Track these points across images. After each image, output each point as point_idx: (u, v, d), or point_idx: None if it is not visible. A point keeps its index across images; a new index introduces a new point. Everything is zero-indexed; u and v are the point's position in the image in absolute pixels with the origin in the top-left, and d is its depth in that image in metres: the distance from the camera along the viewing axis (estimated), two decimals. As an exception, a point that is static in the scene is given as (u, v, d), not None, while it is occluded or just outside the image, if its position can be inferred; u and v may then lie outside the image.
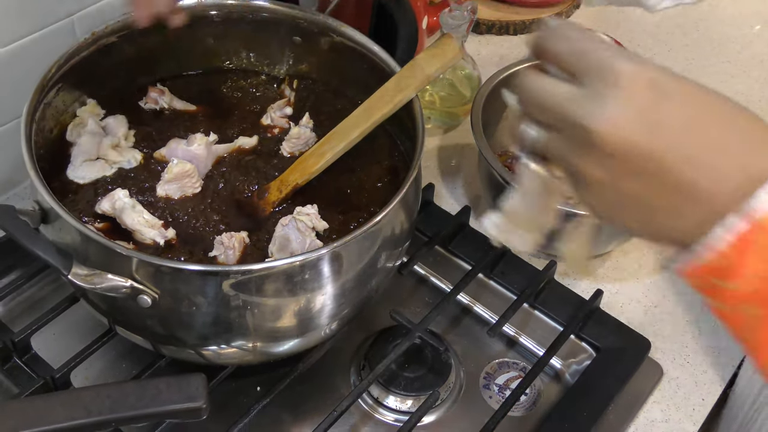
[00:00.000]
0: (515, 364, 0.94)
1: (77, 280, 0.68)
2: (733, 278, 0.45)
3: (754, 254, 0.44)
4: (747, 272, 0.44)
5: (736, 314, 0.46)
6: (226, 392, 0.85)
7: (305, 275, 0.72)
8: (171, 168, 0.83)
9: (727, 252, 0.44)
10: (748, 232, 0.43)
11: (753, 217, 0.43)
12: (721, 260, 0.45)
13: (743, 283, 0.45)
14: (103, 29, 0.86)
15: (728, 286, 0.45)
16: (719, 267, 0.45)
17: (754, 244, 0.43)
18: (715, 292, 0.47)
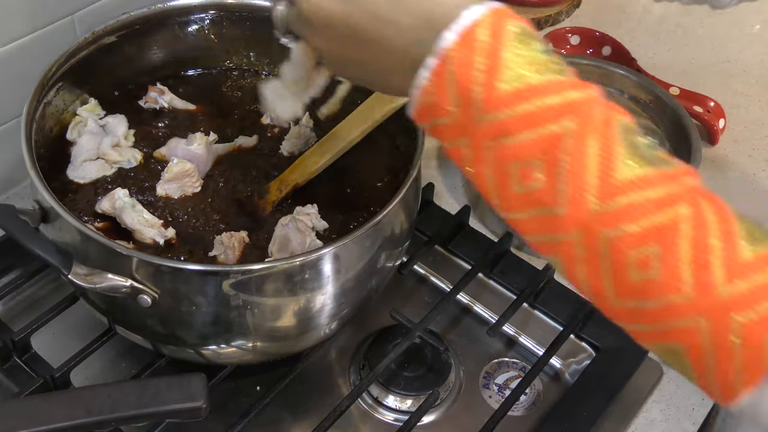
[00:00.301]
0: (515, 363, 0.94)
1: (77, 280, 0.69)
2: (440, 114, 0.51)
3: (447, 86, 0.49)
4: (447, 105, 0.50)
5: (456, 149, 0.52)
6: (225, 392, 0.86)
7: (305, 275, 0.73)
8: (171, 167, 0.83)
9: (428, 88, 0.50)
10: (439, 67, 0.49)
11: (441, 54, 0.49)
12: (428, 98, 0.51)
13: (448, 117, 0.50)
14: (102, 28, 0.86)
15: (440, 122, 0.51)
16: (429, 105, 0.51)
17: (445, 78, 0.49)
18: (437, 131, 0.52)
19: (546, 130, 0.48)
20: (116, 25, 0.87)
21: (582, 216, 0.48)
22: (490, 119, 0.49)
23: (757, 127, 1.23)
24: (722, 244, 0.47)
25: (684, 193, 0.48)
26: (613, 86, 1.09)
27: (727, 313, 0.46)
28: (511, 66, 0.48)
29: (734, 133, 1.21)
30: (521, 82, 0.48)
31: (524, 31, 0.50)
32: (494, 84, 0.48)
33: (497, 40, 0.48)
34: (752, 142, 1.20)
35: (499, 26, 0.49)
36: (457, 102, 0.49)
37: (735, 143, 1.19)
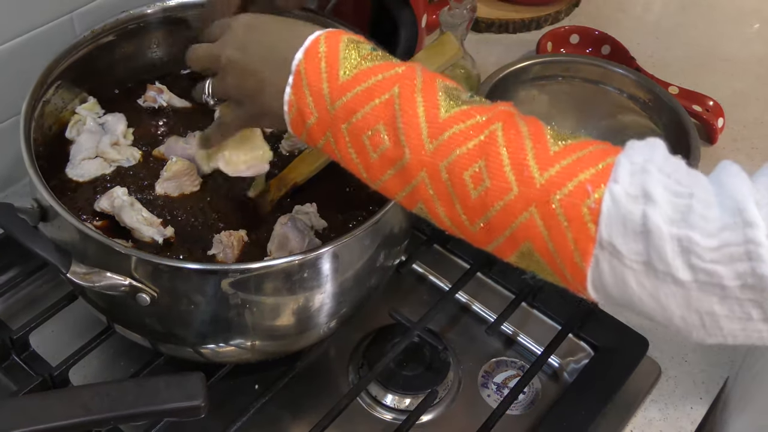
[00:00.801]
0: (513, 362, 0.94)
1: (76, 279, 0.69)
2: (306, 117, 0.62)
3: (304, 92, 0.62)
4: (306, 107, 0.62)
5: (327, 145, 0.63)
6: (224, 390, 0.85)
7: (304, 274, 0.73)
8: (170, 166, 0.83)
9: (292, 100, 0.63)
10: (296, 80, 0.62)
11: (295, 70, 0.62)
12: (294, 108, 0.63)
13: (311, 117, 0.62)
14: (101, 27, 0.86)
15: (308, 125, 0.63)
16: (296, 114, 0.63)
17: (302, 87, 0.62)
18: (310, 137, 0.64)
19: (381, 99, 0.59)
20: (115, 24, 0.87)
21: (422, 157, 0.58)
22: (338, 105, 0.60)
23: (756, 126, 1.23)
24: (533, 143, 0.55)
25: (498, 114, 0.58)
26: (612, 85, 1.09)
27: (548, 196, 0.53)
28: (347, 61, 0.61)
29: (733, 132, 1.21)
30: (357, 69, 0.60)
31: (355, 39, 0.63)
32: (336, 76, 0.61)
33: (334, 47, 0.62)
34: (751, 141, 1.20)
35: (334, 39, 0.62)
36: (314, 103, 0.62)
37: (734, 142, 1.19)
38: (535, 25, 1.34)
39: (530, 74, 1.06)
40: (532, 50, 1.30)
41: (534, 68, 1.06)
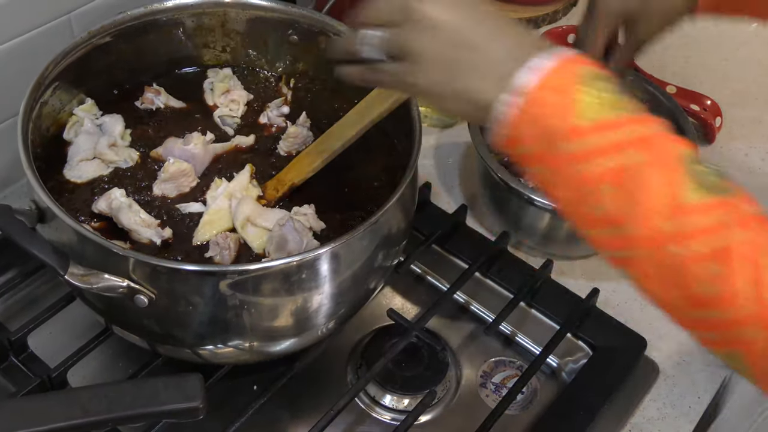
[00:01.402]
0: (512, 362, 0.94)
1: (74, 280, 0.68)
2: (522, 144, 0.58)
3: (528, 122, 0.56)
4: (528, 137, 0.57)
5: (536, 174, 0.59)
6: (222, 391, 0.85)
7: (302, 275, 0.73)
8: (167, 167, 0.83)
9: (512, 123, 0.57)
10: (521, 106, 0.56)
11: (523, 93, 0.56)
12: (511, 131, 0.57)
13: (529, 147, 0.57)
14: (98, 28, 0.86)
15: (521, 150, 0.58)
16: (512, 137, 0.58)
17: (527, 115, 0.56)
18: (518, 158, 0.60)
19: (615, 161, 0.54)
20: (112, 25, 0.87)
21: (652, 234, 0.54)
22: (566, 150, 0.55)
23: (754, 125, 1.23)
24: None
25: (740, 219, 0.54)
26: (610, 85, 1.09)
27: None
28: (585, 105, 0.55)
29: (731, 131, 1.21)
30: (595, 119, 0.55)
31: (594, 74, 0.57)
32: (569, 120, 0.55)
33: (570, 81, 0.56)
34: (749, 140, 1.20)
35: (571, 70, 0.56)
36: (537, 135, 0.56)
37: (732, 141, 1.20)
38: (533, 24, 1.34)
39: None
40: (530, 50, 1.30)
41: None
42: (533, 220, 0.95)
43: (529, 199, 0.92)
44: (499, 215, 1.01)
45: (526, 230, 0.98)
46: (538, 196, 0.92)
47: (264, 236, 0.79)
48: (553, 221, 0.94)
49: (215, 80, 0.95)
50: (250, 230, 0.79)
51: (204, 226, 0.80)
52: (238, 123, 0.93)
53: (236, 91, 0.94)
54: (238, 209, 0.80)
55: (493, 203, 1.00)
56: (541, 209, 0.93)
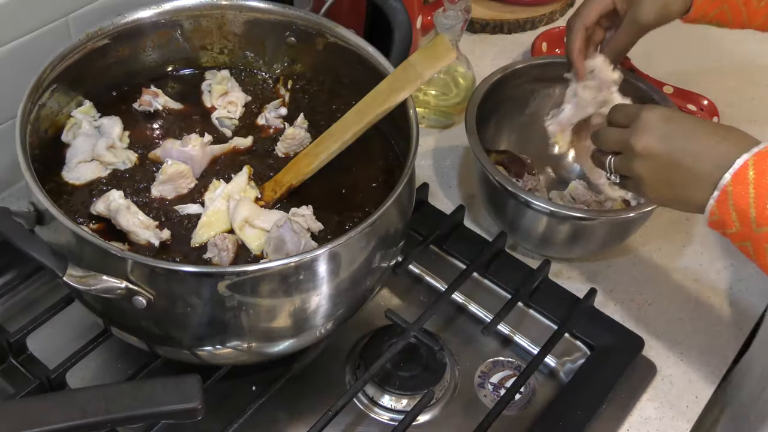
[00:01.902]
0: (510, 362, 0.94)
1: (72, 282, 0.69)
2: (727, 227, 0.72)
3: (729, 211, 0.71)
4: (731, 222, 0.71)
5: (743, 247, 0.73)
6: (221, 392, 0.86)
7: (300, 276, 0.73)
8: (165, 169, 0.83)
9: (717, 212, 0.72)
10: (722, 197, 0.71)
11: (723, 189, 0.71)
12: (717, 217, 0.72)
13: (733, 228, 0.72)
14: (96, 30, 0.86)
15: (728, 231, 0.73)
16: (719, 221, 0.73)
17: (728, 205, 0.71)
18: (727, 235, 0.74)
19: None
20: (110, 27, 0.87)
21: None
22: (764, 231, 0.69)
23: (750, 124, 1.23)
24: None
25: None
26: (607, 85, 1.09)
27: None
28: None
29: (728, 132, 1.21)
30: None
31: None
32: (763, 207, 0.69)
33: (763, 174, 0.69)
34: (745, 140, 1.20)
35: (763, 164, 0.69)
36: (738, 219, 0.71)
37: (728, 142, 1.20)
38: (530, 25, 1.35)
39: (527, 76, 1.06)
40: (527, 51, 1.30)
41: (530, 70, 1.06)
42: (530, 222, 0.95)
43: (526, 202, 0.93)
44: (496, 217, 1.01)
45: (524, 233, 0.98)
46: (535, 199, 0.92)
47: (262, 237, 0.79)
48: (550, 224, 0.94)
49: (213, 82, 0.95)
50: (249, 231, 0.80)
51: (202, 227, 0.80)
52: (236, 124, 0.93)
53: (234, 93, 0.94)
54: (236, 211, 0.80)
55: (491, 205, 1.00)
56: (538, 212, 0.93)
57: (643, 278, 1.02)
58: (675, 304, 0.99)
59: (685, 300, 1.00)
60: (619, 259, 1.03)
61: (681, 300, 1.00)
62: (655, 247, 1.05)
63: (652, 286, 1.01)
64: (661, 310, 0.98)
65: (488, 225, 1.05)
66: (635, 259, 1.03)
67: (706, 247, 1.05)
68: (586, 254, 1.01)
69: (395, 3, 0.90)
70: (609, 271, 1.02)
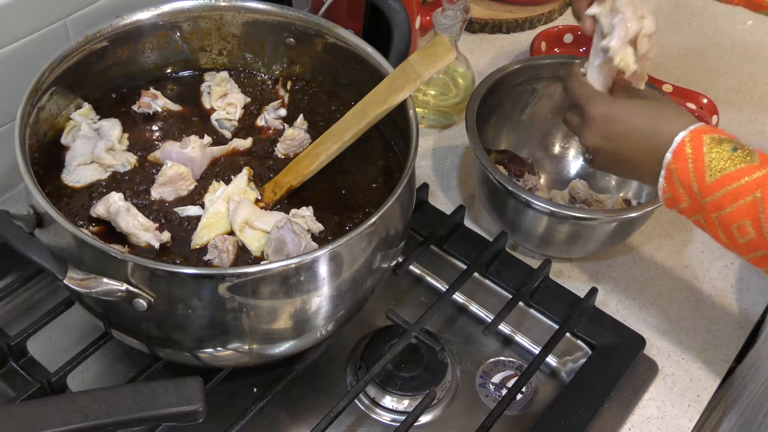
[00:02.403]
0: (511, 362, 0.94)
1: (72, 285, 0.69)
2: (679, 202, 0.76)
3: (676, 186, 0.75)
4: (680, 196, 0.75)
5: (696, 221, 0.77)
6: (222, 394, 0.86)
7: (301, 277, 0.73)
8: (165, 171, 0.83)
9: (666, 189, 0.76)
10: (667, 175, 0.75)
11: (667, 167, 0.75)
12: (668, 194, 0.76)
13: (684, 203, 0.76)
14: (95, 32, 0.86)
15: (680, 206, 0.77)
16: (670, 198, 0.77)
17: (673, 181, 0.75)
18: (681, 211, 0.77)
19: (746, 200, 0.71)
20: (109, 29, 0.87)
21: None
22: (708, 200, 0.73)
23: (750, 123, 1.23)
24: None
25: None
26: (607, 84, 1.09)
27: None
28: (712, 164, 0.72)
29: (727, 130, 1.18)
30: (721, 174, 0.72)
31: (717, 138, 0.73)
32: (704, 178, 0.73)
33: (698, 149, 0.73)
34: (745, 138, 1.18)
35: (697, 140, 0.73)
36: (685, 194, 0.75)
37: (728, 140, 1.20)
38: (529, 24, 1.35)
39: (526, 75, 1.06)
40: (525, 50, 1.30)
41: (529, 69, 1.06)
42: (531, 222, 0.95)
43: (526, 202, 0.92)
44: (497, 217, 1.01)
45: (524, 232, 0.98)
46: (536, 199, 0.92)
47: (262, 239, 0.79)
48: (551, 224, 0.94)
49: (212, 84, 0.95)
50: (249, 233, 0.79)
51: (202, 229, 0.80)
52: (235, 126, 0.93)
53: (233, 95, 0.94)
54: (236, 212, 0.80)
55: (491, 205, 1.00)
56: (539, 212, 0.93)
57: (644, 277, 1.01)
58: (676, 303, 0.99)
59: (686, 299, 1.00)
60: (620, 259, 1.03)
61: (682, 299, 0.99)
62: (656, 246, 1.05)
63: (653, 285, 1.01)
64: (662, 309, 0.98)
65: (489, 225, 1.05)
66: (636, 259, 1.03)
67: (707, 246, 1.05)
68: (587, 254, 1.01)
69: (394, 3, 0.90)
70: (610, 270, 1.02)
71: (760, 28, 1.39)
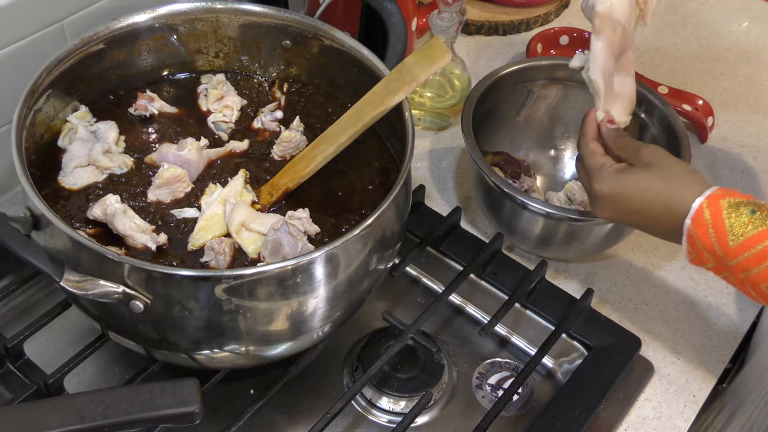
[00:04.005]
0: (507, 363, 0.94)
1: (69, 287, 0.69)
2: (704, 263, 0.77)
3: (699, 249, 0.76)
4: (705, 259, 0.76)
5: (726, 278, 0.77)
6: (219, 395, 0.86)
7: (297, 279, 0.73)
8: (162, 173, 0.83)
9: (690, 252, 0.77)
10: (690, 240, 0.76)
11: (688, 234, 0.76)
12: (693, 256, 0.77)
13: (710, 264, 0.76)
14: (91, 35, 0.86)
15: (707, 266, 0.77)
16: (696, 260, 0.78)
17: (696, 246, 0.76)
18: (709, 269, 0.78)
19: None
20: (105, 32, 0.87)
21: None
22: (733, 263, 0.74)
23: (746, 124, 1.23)
24: None
25: None
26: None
27: None
28: (733, 229, 0.73)
29: (723, 131, 1.21)
30: (743, 237, 0.73)
31: (734, 202, 0.74)
32: (726, 243, 0.73)
33: (717, 214, 0.74)
34: (741, 139, 1.21)
35: (716, 205, 0.74)
36: (710, 256, 0.75)
37: (724, 141, 1.20)
38: (525, 26, 1.35)
39: (522, 77, 1.06)
40: (522, 52, 1.30)
41: (526, 71, 1.06)
42: (527, 224, 0.96)
43: (522, 204, 0.93)
44: (493, 219, 1.01)
45: (521, 234, 0.98)
46: (532, 200, 0.92)
47: (259, 241, 0.79)
48: (547, 225, 0.95)
49: (209, 86, 0.95)
50: (245, 235, 0.80)
51: (199, 231, 0.80)
52: (231, 128, 0.93)
53: (230, 97, 0.94)
54: (232, 214, 0.80)
55: (487, 207, 1.00)
56: (535, 214, 0.93)
57: (639, 278, 1.02)
58: (672, 304, 0.99)
59: (681, 299, 1.00)
60: (615, 260, 1.03)
61: (678, 300, 1.00)
62: (652, 246, 1.05)
63: (648, 286, 1.01)
64: (657, 309, 0.98)
65: (485, 226, 1.05)
66: (632, 260, 1.04)
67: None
68: (583, 255, 1.02)
69: (390, 5, 0.90)
70: (606, 271, 1.02)
71: (755, 29, 1.40)
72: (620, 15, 0.83)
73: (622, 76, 0.87)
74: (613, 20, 0.83)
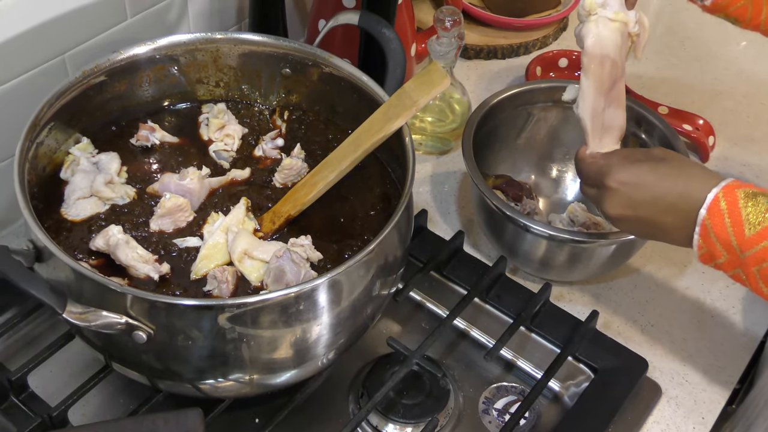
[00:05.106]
0: (514, 387, 0.93)
1: (72, 319, 0.69)
2: (716, 257, 0.76)
3: (713, 242, 0.74)
4: (717, 252, 0.75)
5: (736, 275, 0.76)
6: (224, 425, 0.85)
7: (300, 306, 0.73)
8: (164, 203, 0.83)
9: (702, 245, 0.76)
10: (703, 231, 0.75)
11: (702, 224, 0.75)
12: (704, 250, 0.76)
13: (722, 258, 0.75)
14: (93, 68, 0.87)
15: (718, 262, 0.76)
16: (707, 254, 0.76)
17: (710, 237, 0.75)
18: (719, 266, 0.77)
19: None
20: (106, 64, 0.88)
21: None
22: (748, 254, 0.73)
23: (747, 142, 1.24)
24: None
25: None
26: (602, 108, 1.09)
27: None
28: (749, 219, 0.72)
29: (724, 150, 1.21)
30: (760, 227, 0.72)
31: (751, 193, 0.73)
32: (742, 232, 0.72)
33: (734, 204, 0.73)
34: (743, 157, 1.21)
35: (731, 195, 0.73)
36: (723, 249, 0.74)
37: (725, 160, 1.20)
38: (524, 50, 1.36)
39: (521, 100, 1.07)
40: (521, 75, 1.31)
41: (525, 94, 1.07)
42: (530, 246, 0.95)
43: (524, 227, 0.93)
44: (495, 242, 1.01)
45: (524, 257, 0.98)
46: (534, 223, 0.92)
47: (261, 269, 0.79)
48: (550, 247, 0.94)
49: (210, 115, 0.96)
50: (248, 263, 0.80)
51: (201, 260, 0.80)
52: (233, 157, 0.93)
53: (231, 126, 0.95)
54: (234, 243, 0.80)
55: (490, 230, 1.00)
56: (538, 236, 0.93)
57: (645, 299, 1.01)
58: (678, 325, 0.99)
59: (688, 320, 0.99)
60: (620, 281, 1.03)
61: (684, 320, 0.99)
62: (657, 267, 1.05)
63: (654, 307, 1.01)
64: (664, 331, 0.98)
65: (488, 250, 1.05)
66: (637, 281, 1.03)
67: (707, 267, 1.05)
68: (587, 277, 1.01)
69: (388, 32, 0.90)
70: (610, 293, 1.02)
71: (753, 48, 1.40)
72: (610, 49, 0.84)
73: (614, 108, 0.87)
74: (602, 55, 0.83)
